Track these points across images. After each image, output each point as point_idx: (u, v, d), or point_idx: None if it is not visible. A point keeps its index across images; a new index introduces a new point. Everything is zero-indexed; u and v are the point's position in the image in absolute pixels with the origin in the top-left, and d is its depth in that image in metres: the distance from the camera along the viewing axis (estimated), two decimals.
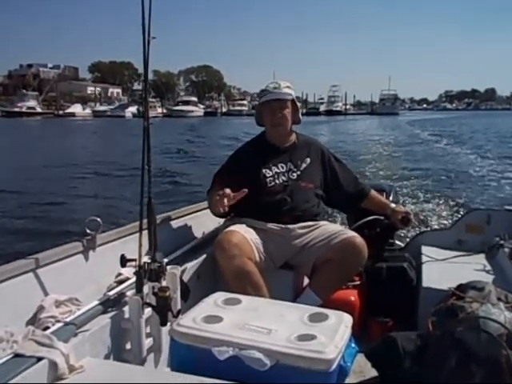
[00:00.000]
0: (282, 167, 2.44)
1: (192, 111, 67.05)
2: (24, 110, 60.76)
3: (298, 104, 2.56)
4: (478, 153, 18.07)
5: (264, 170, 2.41)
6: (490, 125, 41.34)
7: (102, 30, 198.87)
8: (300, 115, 2.55)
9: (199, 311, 1.60)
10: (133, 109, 61.66)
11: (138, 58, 1.72)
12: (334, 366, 1.38)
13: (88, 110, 67.30)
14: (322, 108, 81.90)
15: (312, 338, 1.43)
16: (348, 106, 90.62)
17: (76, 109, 65.84)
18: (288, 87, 2.45)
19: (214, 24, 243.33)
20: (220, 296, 1.72)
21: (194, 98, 76.31)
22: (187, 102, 70.63)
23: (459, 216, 4.22)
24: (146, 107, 1.79)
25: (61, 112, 64.87)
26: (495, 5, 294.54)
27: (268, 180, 2.39)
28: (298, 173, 2.44)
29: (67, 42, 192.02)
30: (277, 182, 2.40)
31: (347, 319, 1.59)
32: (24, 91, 65.55)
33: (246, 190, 2.14)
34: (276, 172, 2.42)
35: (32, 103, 63.72)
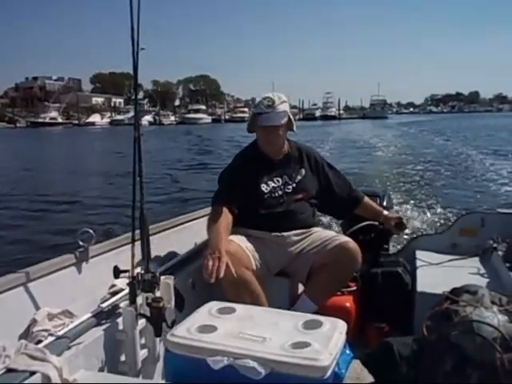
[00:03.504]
0: (278, 181, 2.42)
1: (201, 118, 71.83)
2: (47, 120, 64.42)
3: (295, 110, 2.54)
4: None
5: (261, 185, 2.38)
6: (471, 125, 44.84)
7: (98, 41, 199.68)
8: (294, 123, 2.47)
9: (193, 321, 1.59)
10: (148, 117, 64.75)
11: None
12: (329, 373, 1.37)
13: (106, 120, 70.40)
14: (318, 113, 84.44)
15: (306, 345, 1.42)
16: (341, 111, 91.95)
17: (95, 118, 69.82)
18: (283, 102, 2.32)
19: (207, 30, 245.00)
20: (214, 305, 1.71)
21: (203, 107, 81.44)
22: (197, 110, 75.97)
23: (453, 220, 4.23)
24: (136, 117, 1.76)
25: (81, 122, 68.26)
26: (479, 9, 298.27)
27: (265, 195, 2.37)
28: (294, 185, 2.43)
29: (63, 54, 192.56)
30: (273, 195, 2.38)
31: (342, 326, 1.58)
32: (46, 103, 70.03)
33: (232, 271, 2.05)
34: (273, 186, 2.40)
35: (54, 114, 67.57)
